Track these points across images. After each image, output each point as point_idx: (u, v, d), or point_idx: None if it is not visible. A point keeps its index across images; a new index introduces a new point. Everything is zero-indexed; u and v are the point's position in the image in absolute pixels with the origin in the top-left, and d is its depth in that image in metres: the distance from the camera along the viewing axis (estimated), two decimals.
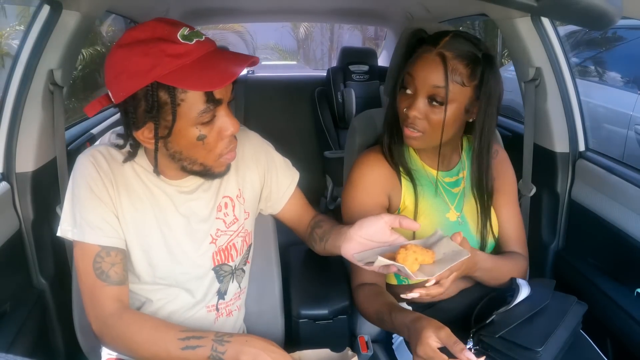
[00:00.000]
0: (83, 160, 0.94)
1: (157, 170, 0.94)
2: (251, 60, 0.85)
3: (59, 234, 0.94)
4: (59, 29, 1.27)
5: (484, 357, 0.84)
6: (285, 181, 1.13)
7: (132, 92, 0.81)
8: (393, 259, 0.87)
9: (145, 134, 0.87)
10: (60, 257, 1.39)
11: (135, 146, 0.92)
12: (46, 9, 1.25)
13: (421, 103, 1.02)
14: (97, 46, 5.34)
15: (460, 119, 1.06)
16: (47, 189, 1.35)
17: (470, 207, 1.16)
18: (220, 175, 0.96)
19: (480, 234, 1.15)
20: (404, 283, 1.16)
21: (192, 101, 0.83)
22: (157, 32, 0.81)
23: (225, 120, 0.88)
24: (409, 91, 1.05)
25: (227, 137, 0.89)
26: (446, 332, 0.85)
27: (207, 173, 0.94)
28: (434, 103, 1.02)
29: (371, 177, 1.13)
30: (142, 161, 0.96)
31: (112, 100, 0.85)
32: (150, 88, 0.81)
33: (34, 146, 1.30)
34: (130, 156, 0.93)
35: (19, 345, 1.17)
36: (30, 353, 1.23)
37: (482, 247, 1.15)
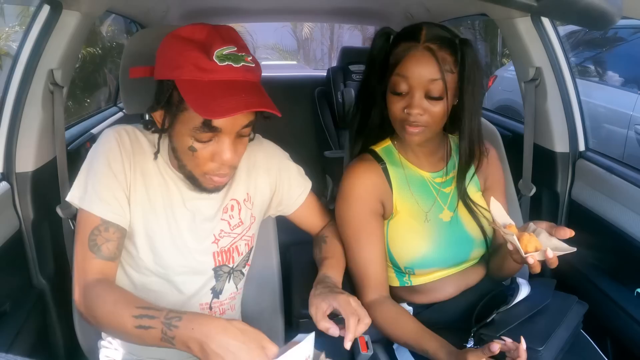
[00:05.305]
0: (109, 135, 0.96)
1: (156, 155, 0.96)
2: (267, 109, 0.83)
3: (67, 198, 0.95)
4: (59, 29, 1.26)
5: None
6: (297, 190, 1.15)
7: (160, 78, 0.88)
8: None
9: (157, 117, 0.92)
10: (60, 257, 1.39)
11: (152, 122, 0.96)
12: (46, 8, 1.25)
13: (420, 99, 1.02)
14: (91, 48, 5.33)
15: (451, 106, 1.07)
16: (47, 189, 1.35)
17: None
18: (208, 191, 0.97)
19: (475, 232, 1.14)
20: (406, 285, 1.16)
21: (191, 115, 0.85)
22: (209, 39, 0.84)
23: (222, 148, 0.88)
24: (401, 92, 1.04)
25: (218, 162, 0.90)
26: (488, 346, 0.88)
27: (194, 182, 0.96)
28: (432, 97, 1.02)
29: (363, 186, 1.13)
30: (162, 151, 0.97)
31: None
32: (171, 83, 0.85)
33: (34, 146, 1.30)
34: (147, 125, 0.97)
35: (19, 345, 1.17)
36: (30, 353, 1.23)
37: (479, 245, 1.15)
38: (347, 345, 0.86)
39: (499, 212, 1.01)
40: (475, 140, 1.11)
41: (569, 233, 0.93)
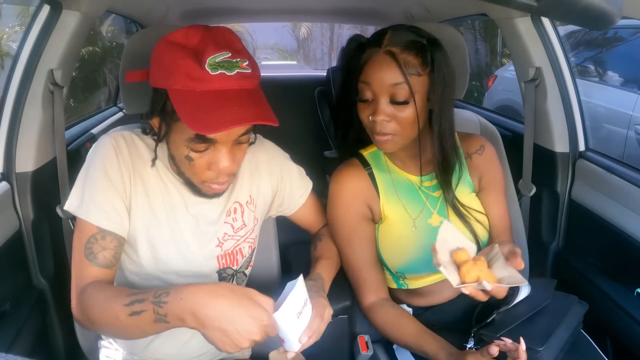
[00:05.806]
0: (105, 142, 0.94)
1: (154, 162, 0.95)
2: (263, 121, 0.80)
3: (65, 207, 0.94)
4: (59, 29, 1.26)
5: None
6: (298, 192, 1.15)
7: (154, 85, 0.85)
8: (461, 259, 0.91)
9: (154, 123, 0.90)
10: (60, 257, 1.39)
11: (150, 128, 0.94)
12: (46, 9, 1.25)
13: (384, 105, 1.00)
14: (94, 46, 5.33)
15: (425, 109, 1.04)
16: (47, 189, 1.35)
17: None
18: (208, 197, 0.97)
19: (467, 237, 1.12)
20: (403, 287, 1.16)
21: (185, 126, 0.81)
22: (201, 45, 0.81)
23: (218, 157, 0.87)
24: (367, 98, 1.02)
25: (215, 171, 0.88)
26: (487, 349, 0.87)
27: (193, 189, 0.95)
28: (397, 102, 0.99)
29: (348, 190, 1.12)
30: (161, 155, 0.96)
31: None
32: (164, 92, 0.83)
33: (34, 146, 1.30)
34: (145, 130, 0.96)
35: (19, 345, 1.17)
36: (30, 353, 1.23)
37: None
38: (303, 339, 0.82)
39: (450, 236, 0.96)
40: (446, 143, 1.07)
41: (519, 265, 0.89)
